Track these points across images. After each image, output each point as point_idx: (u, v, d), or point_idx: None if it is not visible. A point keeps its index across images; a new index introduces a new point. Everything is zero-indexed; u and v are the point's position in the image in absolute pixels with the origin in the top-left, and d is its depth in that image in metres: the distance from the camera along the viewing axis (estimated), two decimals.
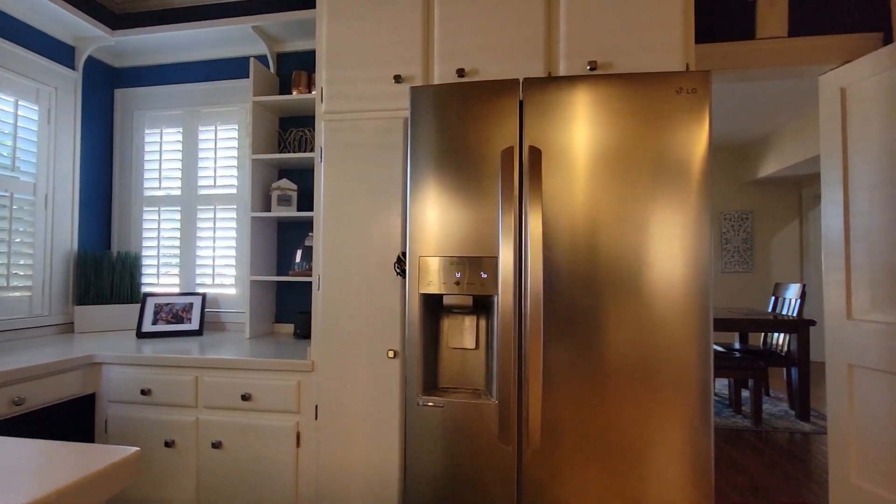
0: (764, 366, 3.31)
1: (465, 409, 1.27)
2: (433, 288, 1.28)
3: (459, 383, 1.37)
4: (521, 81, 1.28)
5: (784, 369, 4.37)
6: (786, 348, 3.66)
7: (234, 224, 2.36)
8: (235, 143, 2.37)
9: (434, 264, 1.29)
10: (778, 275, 5.59)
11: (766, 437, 3.12)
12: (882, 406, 1.82)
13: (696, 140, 1.21)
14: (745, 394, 4.06)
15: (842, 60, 2.01)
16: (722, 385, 4.47)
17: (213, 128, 2.39)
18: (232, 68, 2.41)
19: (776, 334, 3.80)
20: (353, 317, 1.58)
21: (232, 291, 2.34)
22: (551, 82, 1.26)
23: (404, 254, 1.53)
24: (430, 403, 1.28)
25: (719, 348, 3.74)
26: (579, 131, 1.25)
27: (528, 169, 1.24)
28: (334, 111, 1.63)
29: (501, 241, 1.21)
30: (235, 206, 2.36)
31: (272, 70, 2.31)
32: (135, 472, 0.58)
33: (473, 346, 1.35)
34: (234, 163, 2.37)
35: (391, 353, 1.55)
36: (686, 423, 1.19)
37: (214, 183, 2.38)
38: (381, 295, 1.57)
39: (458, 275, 1.28)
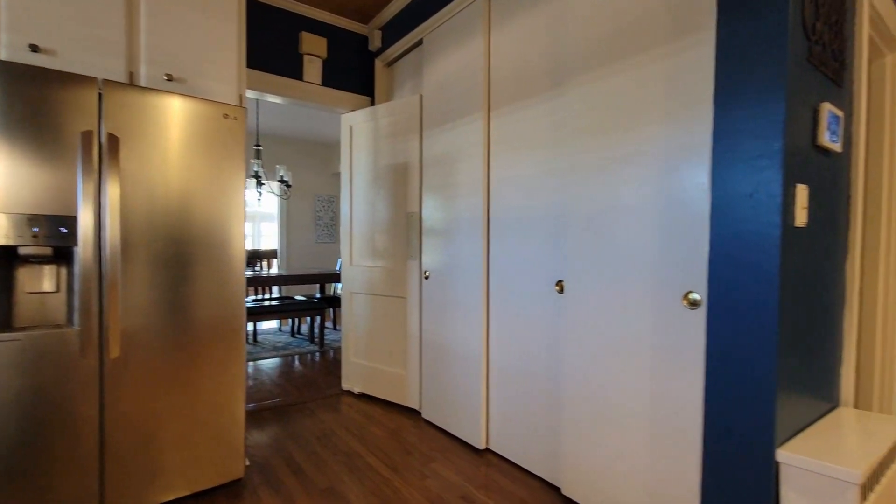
0: (326, 306, 4.70)
1: (45, 338, 1.56)
2: (8, 241, 1.49)
3: (40, 322, 1.62)
4: (98, 80, 1.65)
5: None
6: None
7: None
8: None
9: (6, 219, 1.50)
10: None
11: (325, 354, 4.49)
12: (361, 312, 3.22)
13: (236, 144, 1.95)
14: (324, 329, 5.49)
15: (352, 108, 3.29)
16: (307, 326, 5.81)
17: None
18: None
19: (337, 284, 5.36)
20: None
21: None
22: (132, 88, 1.70)
23: None
24: (3, 340, 1.50)
25: (302, 297, 4.94)
26: (157, 127, 1.75)
27: (107, 150, 1.64)
28: None
29: (81, 205, 1.57)
30: None
31: None
32: None
33: (54, 289, 1.63)
34: None
35: None
36: (227, 334, 1.94)
37: None
38: None
39: (37, 229, 1.54)
